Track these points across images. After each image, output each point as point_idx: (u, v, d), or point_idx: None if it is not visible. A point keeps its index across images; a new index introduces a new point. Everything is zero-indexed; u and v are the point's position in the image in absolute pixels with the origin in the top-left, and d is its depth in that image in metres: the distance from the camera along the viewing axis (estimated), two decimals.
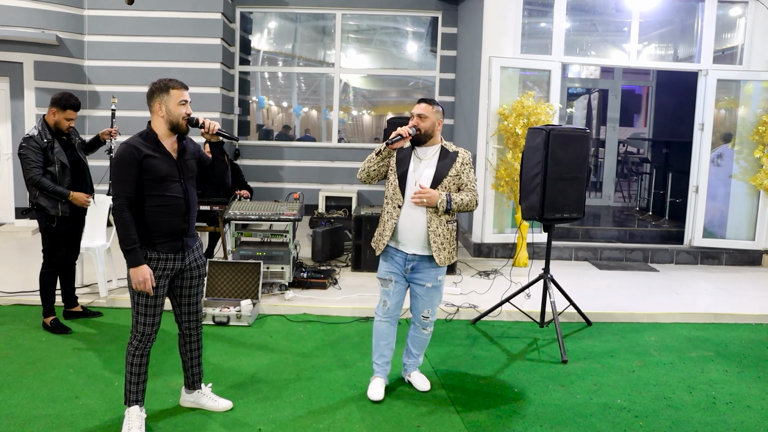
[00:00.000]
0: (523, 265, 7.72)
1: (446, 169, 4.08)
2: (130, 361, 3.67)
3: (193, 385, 4.03)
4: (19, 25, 9.14)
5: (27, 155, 5.14)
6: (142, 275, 3.50)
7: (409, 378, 4.45)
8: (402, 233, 4.09)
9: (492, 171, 7.93)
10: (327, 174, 11.18)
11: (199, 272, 3.84)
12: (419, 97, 4.45)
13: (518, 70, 8.17)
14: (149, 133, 3.60)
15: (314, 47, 12.12)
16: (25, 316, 5.75)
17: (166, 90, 3.56)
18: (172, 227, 3.63)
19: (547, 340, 5.43)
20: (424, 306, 4.22)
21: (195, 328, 3.94)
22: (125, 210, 3.50)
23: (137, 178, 3.51)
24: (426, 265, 4.12)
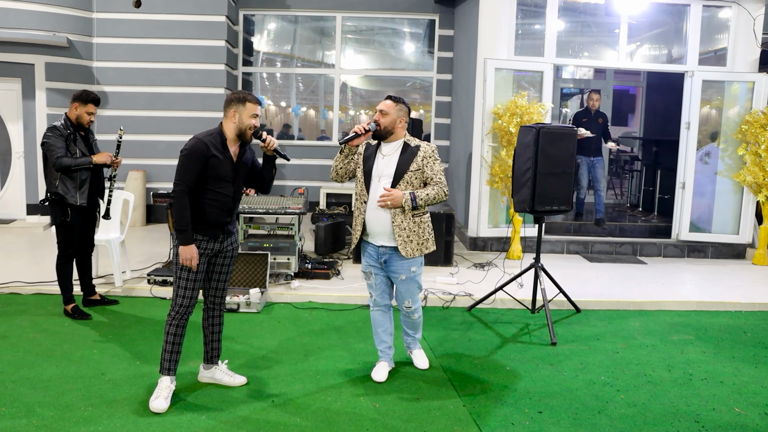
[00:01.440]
0: (516, 257, 8.10)
1: (407, 164, 4.26)
2: (168, 330, 4.10)
3: (212, 360, 4.40)
4: (31, 28, 9.47)
5: (50, 143, 5.48)
6: (190, 253, 3.96)
7: (411, 354, 4.82)
8: (370, 227, 4.35)
9: (487, 168, 8.30)
10: (328, 171, 11.49)
11: (233, 254, 4.29)
12: (415, 97, 4.81)
13: (512, 71, 8.53)
14: (220, 134, 4.01)
15: (313, 48, 12.47)
16: (46, 304, 6.11)
17: (243, 102, 4.00)
18: (217, 219, 4.08)
19: (538, 325, 5.80)
20: (404, 297, 4.51)
21: (219, 304, 4.34)
22: (184, 195, 3.93)
23: (200, 172, 3.93)
24: (397, 258, 4.34)
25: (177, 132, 10.30)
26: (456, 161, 10.41)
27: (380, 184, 4.27)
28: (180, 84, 10.31)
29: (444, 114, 11.48)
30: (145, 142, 10.29)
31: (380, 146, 4.39)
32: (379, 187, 4.27)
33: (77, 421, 3.79)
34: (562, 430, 3.85)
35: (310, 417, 3.91)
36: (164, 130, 10.33)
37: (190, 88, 10.36)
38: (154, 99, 10.35)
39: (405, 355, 4.90)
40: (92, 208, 5.83)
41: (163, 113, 10.34)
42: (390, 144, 4.36)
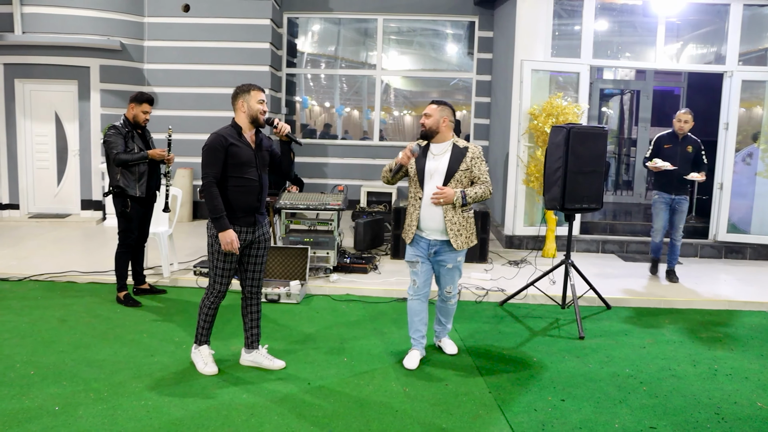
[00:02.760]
0: (550, 256, 8.25)
1: (457, 164, 4.61)
2: (205, 311, 4.53)
3: (252, 344, 4.71)
4: (87, 33, 9.96)
5: (111, 140, 5.92)
6: (229, 237, 4.28)
7: (440, 343, 5.08)
8: (424, 223, 4.67)
9: (523, 167, 8.46)
10: (368, 170, 11.80)
11: (265, 245, 4.62)
12: (459, 98, 5.15)
13: (548, 72, 8.68)
14: (234, 126, 4.41)
15: (356, 49, 12.75)
16: (99, 292, 6.50)
17: (248, 91, 4.39)
18: (248, 204, 4.41)
19: (568, 320, 5.96)
20: (446, 283, 4.86)
21: (256, 293, 4.66)
22: (213, 186, 4.30)
23: (223, 162, 4.30)
24: (446, 249, 4.69)
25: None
26: (494, 161, 10.58)
27: (432, 182, 4.62)
28: (226, 85, 10.67)
29: (483, 114, 11.65)
30: (193, 140, 10.67)
31: (429, 146, 4.72)
32: (431, 185, 4.61)
33: (128, 395, 4.13)
34: (582, 416, 4.03)
35: (343, 399, 4.17)
36: (211, 129, 10.54)
37: None
38: (201, 99, 10.76)
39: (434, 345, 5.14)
40: (150, 199, 6.22)
41: (209, 113, 10.74)
42: (439, 144, 4.70)
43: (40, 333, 5.29)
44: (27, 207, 10.49)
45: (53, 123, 10.39)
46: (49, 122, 10.38)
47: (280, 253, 6.71)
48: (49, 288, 6.64)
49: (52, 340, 5.12)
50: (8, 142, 10.29)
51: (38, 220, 10.16)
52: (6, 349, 4.91)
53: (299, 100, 12.73)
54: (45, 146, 10.44)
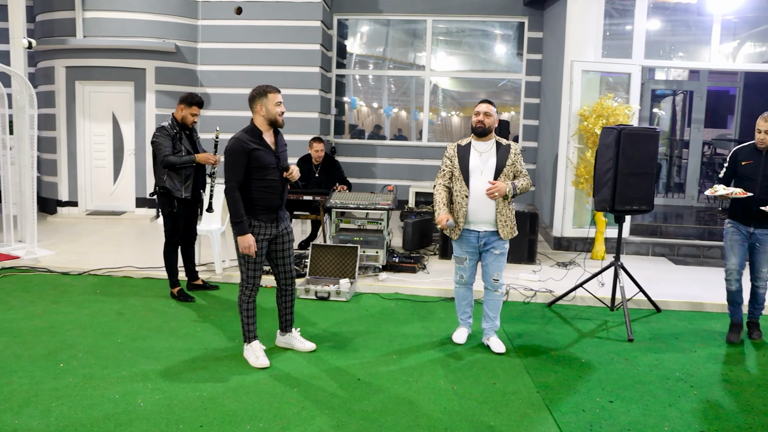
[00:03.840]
0: (599, 258, 8.19)
1: (504, 160, 4.93)
2: (243, 307, 4.73)
3: (286, 328, 5.01)
4: (144, 36, 10.25)
5: (159, 142, 6.07)
6: (247, 241, 4.49)
7: (488, 342, 5.12)
8: (474, 215, 4.93)
9: (572, 169, 8.42)
10: (417, 171, 11.86)
11: (289, 237, 4.84)
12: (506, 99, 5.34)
13: (599, 73, 8.61)
14: (254, 129, 4.54)
15: (404, 50, 12.82)
16: (154, 287, 6.71)
17: (265, 94, 4.53)
18: (271, 203, 4.61)
19: (617, 322, 5.93)
20: (494, 270, 5.04)
21: (290, 284, 4.92)
22: (235, 190, 4.48)
23: (246, 166, 4.47)
24: (494, 238, 4.97)
25: None
26: (543, 162, 10.53)
27: (483, 178, 4.87)
28: (277, 86, 10.83)
29: (532, 116, 11.61)
30: None
31: (472, 144, 4.96)
32: (481, 181, 4.86)
33: (184, 386, 4.27)
34: (631, 418, 4.02)
35: (392, 396, 4.24)
36: None
37: (286, 90, 10.72)
38: None
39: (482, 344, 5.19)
40: (195, 200, 6.38)
41: None
42: (485, 142, 4.98)
43: (99, 325, 5.49)
44: (85, 204, 10.84)
45: (110, 123, 10.71)
46: (107, 122, 10.71)
47: (330, 251, 6.82)
48: (106, 282, 6.87)
49: (111, 332, 5.32)
50: (68, 142, 10.65)
51: (95, 217, 10.49)
52: (69, 339, 5.12)
53: (347, 100, 12.86)
54: (102, 146, 10.77)
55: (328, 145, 11.92)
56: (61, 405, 3.96)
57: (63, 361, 4.66)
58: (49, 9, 10.47)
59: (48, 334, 5.24)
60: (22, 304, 6.05)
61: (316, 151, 8.15)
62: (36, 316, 5.68)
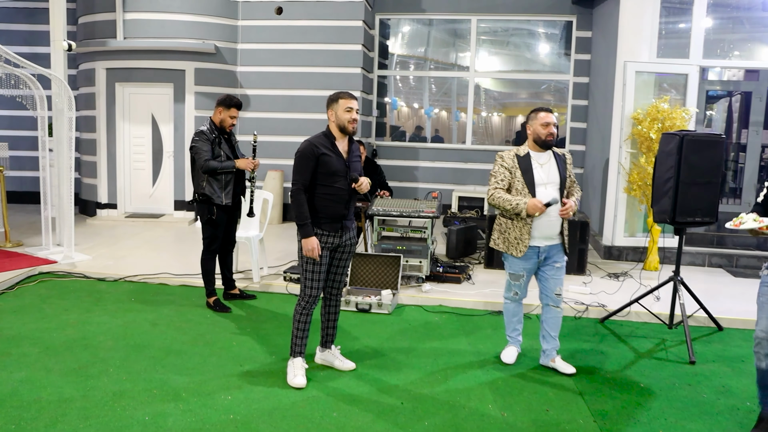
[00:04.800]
0: (653, 269, 7.77)
1: (564, 171, 4.69)
2: (297, 318, 4.52)
3: (326, 344, 4.77)
4: (184, 37, 10.13)
5: (198, 146, 5.87)
6: (311, 244, 4.33)
7: (553, 363, 4.81)
8: (540, 230, 4.62)
9: (624, 175, 8.01)
10: (460, 175, 11.54)
11: (351, 249, 4.65)
12: (548, 99, 5.00)
13: (654, 74, 8.19)
14: (328, 134, 4.39)
15: (446, 50, 12.50)
16: (190, 296, 6.53)
17: (336, 100, 4.37)
18: (335, 212, 4.41)
19: (676, 341, 5.54)
20: (555, 284, 4.74)
21: (336, 295, 4.70)
22: (301, 193, 4.33)
23: (313, 170, 4.28)
24: (555, 251, 4.71)
25: (314, 133, 10.63)
26: (591, 167, 10.12)
27: (547, 192, 4.56)
28: (317, 87, 10.66)
29: (580, 118, 11.19)
30: (284, 143, 10.71)
31: (531, 155, 4.64)
32: (546, 195, 4.54)
33: (216, 408, 4.04)
34: None
35: (438, 421, 3.95)
36: (302, 131, 10.67)
37: (327, 91, 10.59)
38: (293, 101, 10.77)
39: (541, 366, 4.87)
40: (235, 206, 6.17)
41: (301, 115, 10.74)
42: (544, 153, 4.66)
43: (132, 336, 5.32)
44: (124, 206, 10.78)
45: (150, 125, 10.63)
46: (146, 124, 10.62)
47: (372, 261, 6.56)
48: (142, 289, 6.72)
49: (143, 345, 5.13)
50: (108, 144, 10.60)
51: (134, 220, 10.42)
52: (101, 353, 4.95)
53: (388, 101, 12.60)
54: (142, 147, 10.69)
55: (370, 148, 11.67)
56: (88, 427, 3.76)
57: (93, 377, 4.48)
58: (91, 11, 10.43)
59: (80, 345, 5.08)
60: (56, 311, 5.92)
61: None
62: (69, 326, 5.54)
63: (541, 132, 4.57)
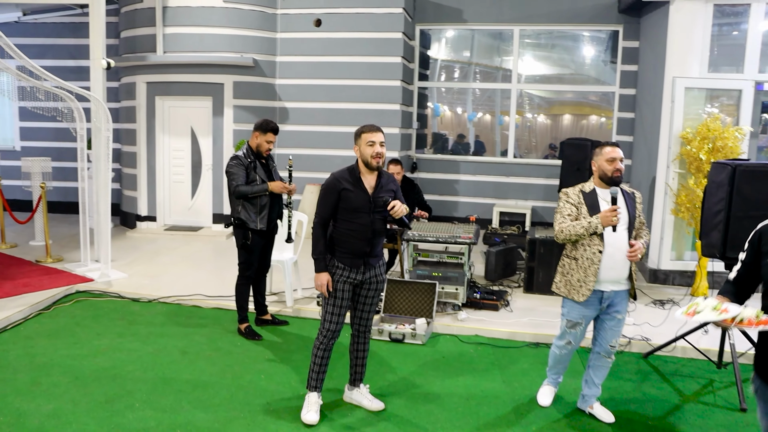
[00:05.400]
0: (702, 294, 7.43)
1: (634, 211, 4.32)
2: (315, 353, 4.42)
3: (355, 382, 4.63)
4: (222, 51, 10.11)
5: (232, 171, 5.78)
6: (320, 280, 4.28)
7: (591, 410, 4.57)
8: (605, 274, 4.25)
9: (671, 196, 7.68)
10: (502, 189, 11.29)
11: (377, 287, 4.46)
12: (593, 99, 4.69)
13: (704, 90, 7.83)
14: (353, 169, 4.27)
15: (491, 54, 12.17)
16: (222, 320, 6.45)
17: (359, 135, 4.26)
18: (357, 248, 4.28)
19: (725, 383, 5.24)
20: (612, 336, 4.43)
21: (364, 332, 4.54)
22: (319, 227, 4.29)
23: (335, 205, 4.22)
24: (620, 299, 4.36)
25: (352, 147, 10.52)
26: (637, 183, 9.77)
27: (616, 233, 4.19)
28: (356, 100, 10.54)
29: (626, 131, 10.82)
30: (322, 156, 10.62)
31: (597, 192, 4.35)
32: (614, 236, 4.20)
33: None
34: None
35: None
36: (340, 145, 10.61)
37: (366, 104, 10.56)
38: (332, 114, 10.66)
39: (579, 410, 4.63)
40: (271, 232, 6.08)
41: (339, 128, 10.62)
42: (607, 189, 4.31)
43: (161, 366, 5.25)
44: (163, 219, 10.81)
45: (189, 138, 10.64)
46: (186, 137, 10.64)
47: (406, 288, 6.39)
48: (174, 312, 6.67)
49: (172, 377, 5.06)
50: (148, 157, 10.65)
51: (172, 233, 10.43)
52: (129, 384, 4.90)
53: (431, 106, 12.37)
54: (181, 160, 10.71)
55: (409, 161, 11.51)
56: None
57: (119, 412, 4.43)
58: (132, 26, 10.48)
59: (109, 376, 5.04)
60: (89, 336, 5.91)
61: (393, 174, 7.72)
62: (100, 353, 5.51)
63: (606, 168, 4.27)
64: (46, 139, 12.04)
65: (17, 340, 5.79)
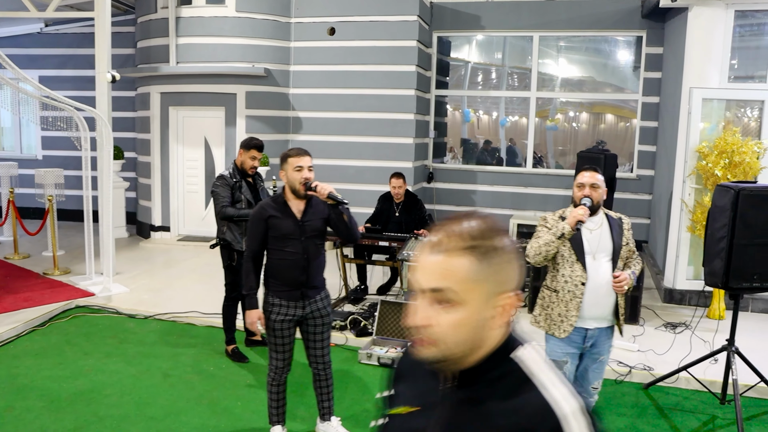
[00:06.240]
0: (718, 317, 7.04)
1: (619, 239, 3.95)
2: (269, 389, 4.28)
3: (324, 416, 4.44)
4: (235, 60, 10.02)
5: (217, 191, 5.65)
6: (251, 318, 4.10)
7: None
8: (589, 311, 3.88)
9: (687, 213, 7.32)
10: (520, 200, 10.99)
11: (323, 321, 4.22)
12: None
13: (724, 101, 7.44)
14: (280, 195, 4.08)
15: (524, 56, 11.74)
16: (213, 340, 6.33)
17: (286, 159, 4.03)
18: (291, 279, 4.05)
19: (728, 419, 4.90)
20: (595, 378, 4.07)
21: (323, 370, 4.32)
22: (249, 260, 4.10)
23: (263, 234, 4.03)
24: (604, 338, 3.98)
25: (366, 157, 10.38)
26: (659, 196, 9.38)
27: (596, 263, 3.87)
28: (370, 109, 10.35)
29: (649, 141, 10.41)
30: (335, 166, 10.46)
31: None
32: (596, 266, 3.87)
33: None
34: None
35: None
36: (354, 155, 10.45)
37: (379, 114, 10.36)
38: (345, 124, 10.49)
39: None
40: None
41: (353, 138, 10.45)
42: (594, 218, 3.94)
43: (139, 390, 5.15)
44: (177, 229, 10.79)
45: (203, 148, 10.59)
46: (199, 147, 10.60)
47: (400, 309, 6.17)
48: (167, 330, 6.59)
49: (148, 402, 4.96)
50: (162, 167, 10.63)
51: (185, 244, 10.40)
52: (102, 410, 4.81)
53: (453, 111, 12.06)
54: (195, 170, 10.67)
55: (425, 171, 11.28)
56: None
57: None
58: (147, 36, 10.48)
59: (85, 400, 4.96)
60: (76, 356, 5.85)
61: (394, 188, 7.53)
62: (82, 375, 5.44)
63: (575, 195, 3.96)
64: (66, 149, 12.12)
65: (4, 359, 5.75)
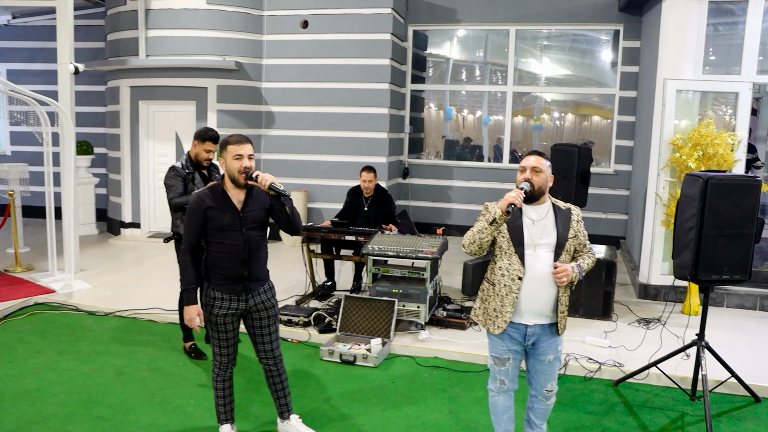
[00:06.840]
0: (692, 312, 6.91)
1: (566, 231, 3.65)
2: (214, 386, 4.09)
3: (283, 415, 4.26)
4: (206, 54, 9.81)
5: (168, 183, 5.44)
6: (190, 313, 3.88)
7: None
8: (526, 305, 3.63)
9: (662, 207, 7.18)
10: (496, 195, 10.81)
11: (268, 314, 4.03)
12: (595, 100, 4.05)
13: (698, 93, 7.32)
14: (219, 185, 3.87)
15: (506, 53, 11.61)
16: (173, 337, 6.11)
17: (225, 146, 3.82)
18: (232, 272, 3.87)
19: (697, 416, 4.75)
20: (547, 380, 3.78)
21: (274, 365, 4.13)
22: (187, 254, 3.88)
23: (201, 226, 3.84)
24: (547, 336, 3.71)
25: (340, 152, 10.19)
26: (636, 191, 9.26)
27: (537, 255, 3.61)
28: (344, 103, 10.17)
29: (626, 135, 10.30)
30: (309, 161, 10.28)
31: (523, 207, 3.66)
32: (536, 259, 3.62)
33: None
34: None
35: None
36: (327, 150, 10.26)
37: (353, 108, 10.18)
38: (318, 119, 10.30)
39: None
40: None
41: (326, 133, 10.27)
42: (538, 207, 3.68)
43: (90, 389, 4.94)
44: (147, 226, 10.55)
45: (173, 143, 10.36)
46: (170, 142, 10.36)
47: (363, 305, 6.00)
48: (127, 327, 6.37)
49: (96, 400, 4.75)
50: (132, 162, 10.40)
51: (155, 240, 10.16)
52: (47, 409, 4.60)
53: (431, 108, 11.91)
54: (165, 166, 10.29)
55: (401, 167, 11.10)
56: None
57: None
58: (116, 29, 10.25)
59: (30, 399, 4.74)
60: (28, 354, 5.63)
61: (364, 182, 7.34)
62: (30, 374, 5.21)
63: (518, 179, 3.69)
64: (35, 144, 11.83)
65: None
